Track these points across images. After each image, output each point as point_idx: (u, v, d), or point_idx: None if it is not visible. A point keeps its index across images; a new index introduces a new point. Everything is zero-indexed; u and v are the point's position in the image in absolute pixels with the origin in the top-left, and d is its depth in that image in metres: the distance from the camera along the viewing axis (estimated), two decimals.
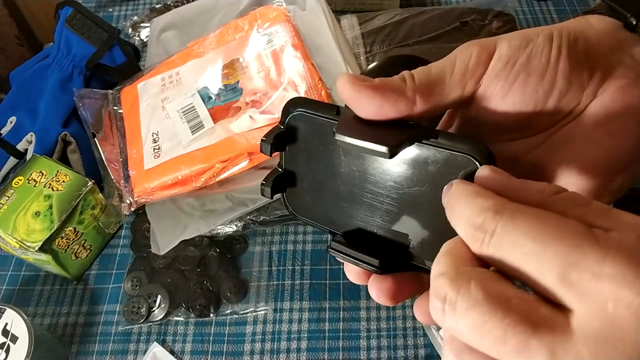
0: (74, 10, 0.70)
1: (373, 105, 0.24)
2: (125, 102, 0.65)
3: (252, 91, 0.60)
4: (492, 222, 0.18)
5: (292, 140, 0.28)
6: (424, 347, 0.54)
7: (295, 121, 0.28)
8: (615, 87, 0.24)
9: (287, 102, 0.28)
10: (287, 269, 0.59)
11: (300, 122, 0.27)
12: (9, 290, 0.60)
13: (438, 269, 0.19)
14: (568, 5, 0.81)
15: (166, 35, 0.73)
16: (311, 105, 0.27)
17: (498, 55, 0.24)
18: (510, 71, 0.24)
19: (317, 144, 0.27)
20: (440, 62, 0.25)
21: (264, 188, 0.28)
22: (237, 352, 0.55)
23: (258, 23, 0.65)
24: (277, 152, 0.29)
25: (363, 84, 0.24)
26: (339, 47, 0.63)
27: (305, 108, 0.27)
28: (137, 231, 0.62)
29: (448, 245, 0.21)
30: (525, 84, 0.24)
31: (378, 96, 0.24)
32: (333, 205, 0.28)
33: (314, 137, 0.27)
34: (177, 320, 0.57)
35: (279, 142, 0.28)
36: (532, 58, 0.24)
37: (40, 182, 0.57)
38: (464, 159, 0.23)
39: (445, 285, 0.18)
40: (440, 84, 0.25)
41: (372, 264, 0.25)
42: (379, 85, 0.24)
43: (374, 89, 0.24)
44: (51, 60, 0.69)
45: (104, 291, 0.60)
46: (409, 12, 0.72)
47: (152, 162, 0.59)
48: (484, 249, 0.19)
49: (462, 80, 0.25)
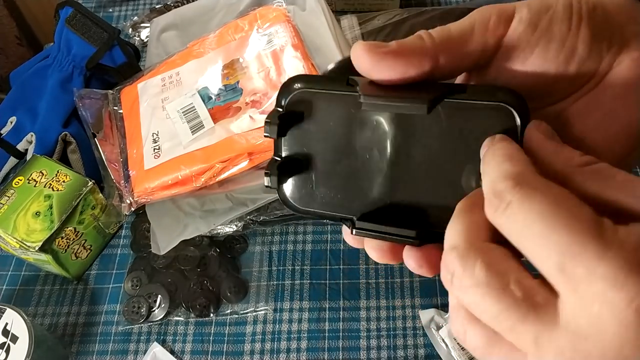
0: (74, 10, 0.70)
1: (396, 70, 0.23)
2: (125, 102, 0.65)
3: (252, 91, 0.60)
4: (510, 193, 0.19)
5: (292, 123, 0.26)
6: (424, 347, 0.54)
7: (296, 101, 0.25)
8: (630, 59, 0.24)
9: (286, 81, 0.26)
10: (287, 269, 0.59)
11: (303, 101, 0.25)
12: (9, 290, 0.61)
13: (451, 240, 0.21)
14: None
15: (166, 36, 0.73)
16: (316, 81, 0.25)
17: (518, 18, 0.24)
18: (532, 35, 0.24)
19: (326, 121, 0.25)
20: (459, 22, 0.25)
21: (270, 178, 0.26)
22: (237, 352, 0.55)
23: (258, 23, 0.65)
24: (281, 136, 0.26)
25: (382, 50, 0.23)
26: (339, 47, 0.63)
27: (309, 85, 0.25)
28: (137, 231, 0.62)
29: (463, 204, 0.22)
30: (546, 49, 0.24)
31: (401, 60, 0.23)
32: (346, 187, 0.26)
33: (322, 115, 0.25)
34: (177, 320, 0.57)
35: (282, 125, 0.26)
36: (553, 23, 0.24)
37: (41, 182, 0.57)
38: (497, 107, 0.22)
39: (454, 261, 0.20)
40: (460, 40, 0.24)
41: (409, 235, 0.24)
42: (398, 49, 0.23)
43: (395, 54, 0.23)
44: (51, 61, 0.69)
45: (104, 291, 0.60)
46: (409, 12, 0.72)
47: (152, 162, 0.59)
48: (497, 216, 0.19)
49: (484, 36, 0.24)
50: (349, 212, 0.26)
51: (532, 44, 0.24)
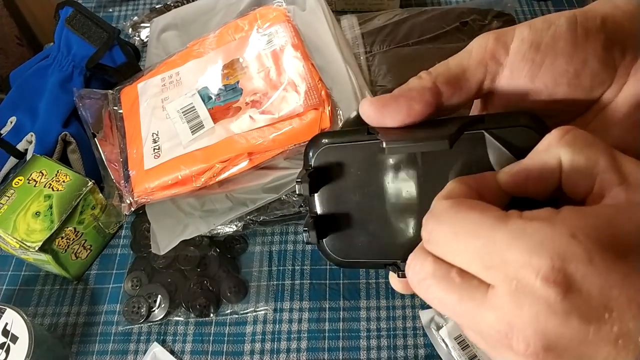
0: (74, 10, 0.70)
1: (402, 110, 0.24)
2: (125, 102, 0.65)
3: (252, 91, 0.60)
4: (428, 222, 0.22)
5: (322, 179, 0.26)
6: (424, 347, 0.54)
7: (322, 158, 0.26)
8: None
9: (310, 141, 0.27)
10: (287, 269, 0.59)
11: (328, 157, 0.26)
12: (9, 290, 0.61)
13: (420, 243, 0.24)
14: (568, 5, 0.81)
15: (166, 36, 0.73)
16: (337, 135, 0.26)
17: (520, 38, 0.24)
18: (537, 53, 0.24)
19: (354, 171, 0.26)
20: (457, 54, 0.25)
21: (309, 233, 0.26)
22: (237, 352, 0.55)
23: (258, 23, 0.65)
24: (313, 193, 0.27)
25: (383, 99, 0.24)
26: (339, 47, 0.63)
27: (333, 140, 0.26)
28: (137, 231, 0.62)
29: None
30: (553, 64, 0.24)
31: (402, 101, 0.24)
32: (384, 232, 0.26)
33: (349, 166, 0.26)
34: (177, 320, 0.57)
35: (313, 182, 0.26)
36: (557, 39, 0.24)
37: (41, 182, 0.57)
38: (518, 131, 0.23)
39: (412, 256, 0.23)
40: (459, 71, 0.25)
41: None
42: (398, 93, 0.24)
43: (395, 98, 0.24)
44: (51, 60, 0.69)
45: (104, 291, 0.60)
46: (409, 12, 0.72)
47: (152, 162, 0.59)
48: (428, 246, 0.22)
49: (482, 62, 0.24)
50: (393, 256, 0.26)
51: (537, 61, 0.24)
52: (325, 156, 0.26)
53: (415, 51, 0.66)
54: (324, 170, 0.26)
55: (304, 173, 0.26)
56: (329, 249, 0.27)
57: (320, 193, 0.27)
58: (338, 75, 0.61)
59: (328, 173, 0.26)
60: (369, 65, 0.67)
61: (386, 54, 0.67)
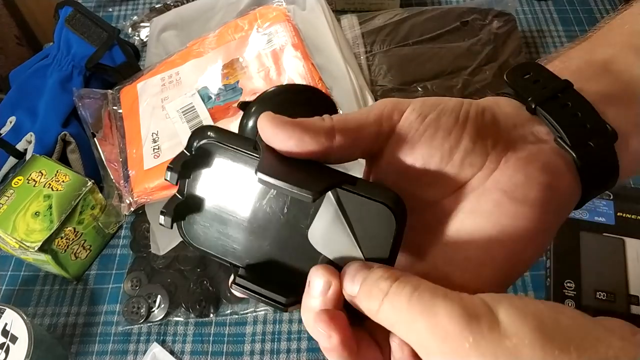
0: (73, 10, 0.70)
1: (294, 138, 0.25)
2: (125, 102, 0.65)
3: (252, 91, 0.60)
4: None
5: (198, 167, 0.27)
6: None
7: (204, 149, 0.27)
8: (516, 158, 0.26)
9: (198, 129, 0.27)
10: None
11: (210, 151, 0.27)
12: (8, 291, 0.60)
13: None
14: (568, 5, 0.81)
15: (166, 35, 0.73)
16: (225, 136, 0.27)
17: (411, 109, 0.26)
18: (421, 124, 0.26)
19: (227, 175, 0.27)
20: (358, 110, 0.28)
21: (165, 217, 0.27)
22: (237, 352, 0.55)
23: (258, 23, 0.65)
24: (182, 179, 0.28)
25: (283, 119, 0.25)
26: (339, 47, 0.63)
27: (219, 138, 0.26)
28: (137, 231, 0.62)
29: None
30: (432, 137, 0.26)
31: (298, 129, 0.25)
32: (237, 237, 0.28)
33: (224, 168, 0.27)
34: (177, 320, 0.57)
35: (186, 170, 0.27)
36: (441, 115, 0.26)
37: (40, 182, 0.57)
38: (377, 206, 0.24)
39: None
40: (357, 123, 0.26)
41: (279, 301, 0.26)
42: (298, 121, 0.25)
43: (293, 124, 0.25)
44: (51, 60, 0.69)
45: (103, 291, 0.60)
46: (409, 12, 0.72)
47: (152, 162, 0.59)
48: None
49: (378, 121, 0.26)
50: (238, 260, 0.28)
51: (420, 131, 0.26)
52: (207, 149, 0.27)
53: (415, 51, 0.66)
54: (202, 161, 0.27)
55: (184, 154, 0.27)
56: (184, 231, 0.28)
57: (193, 179, 0.28)
58: (338, 74, 0.61)
59: (204, 165, 0.27)
60: (369, 64, 0.67)
61: (386, 53, 0.67)
